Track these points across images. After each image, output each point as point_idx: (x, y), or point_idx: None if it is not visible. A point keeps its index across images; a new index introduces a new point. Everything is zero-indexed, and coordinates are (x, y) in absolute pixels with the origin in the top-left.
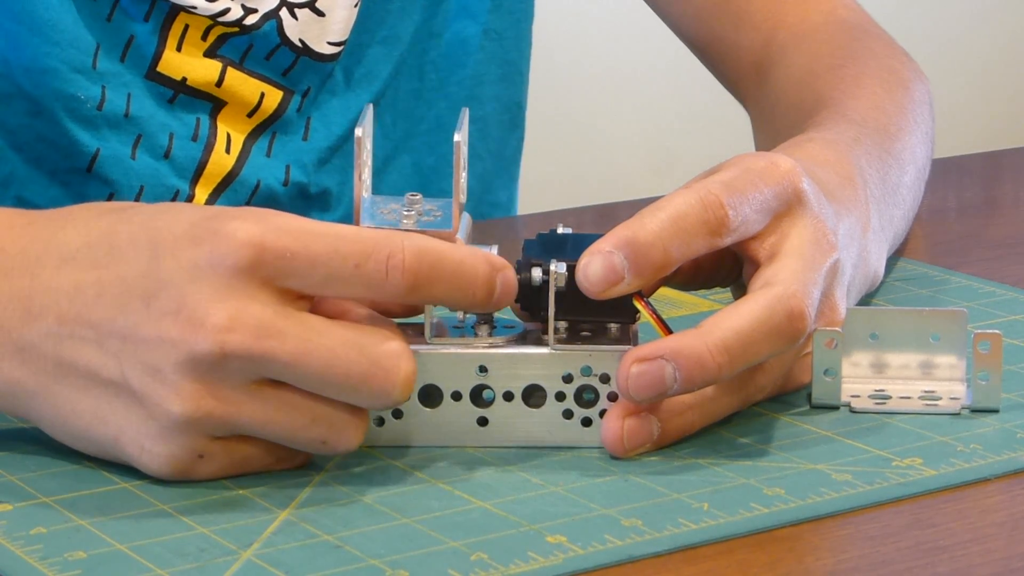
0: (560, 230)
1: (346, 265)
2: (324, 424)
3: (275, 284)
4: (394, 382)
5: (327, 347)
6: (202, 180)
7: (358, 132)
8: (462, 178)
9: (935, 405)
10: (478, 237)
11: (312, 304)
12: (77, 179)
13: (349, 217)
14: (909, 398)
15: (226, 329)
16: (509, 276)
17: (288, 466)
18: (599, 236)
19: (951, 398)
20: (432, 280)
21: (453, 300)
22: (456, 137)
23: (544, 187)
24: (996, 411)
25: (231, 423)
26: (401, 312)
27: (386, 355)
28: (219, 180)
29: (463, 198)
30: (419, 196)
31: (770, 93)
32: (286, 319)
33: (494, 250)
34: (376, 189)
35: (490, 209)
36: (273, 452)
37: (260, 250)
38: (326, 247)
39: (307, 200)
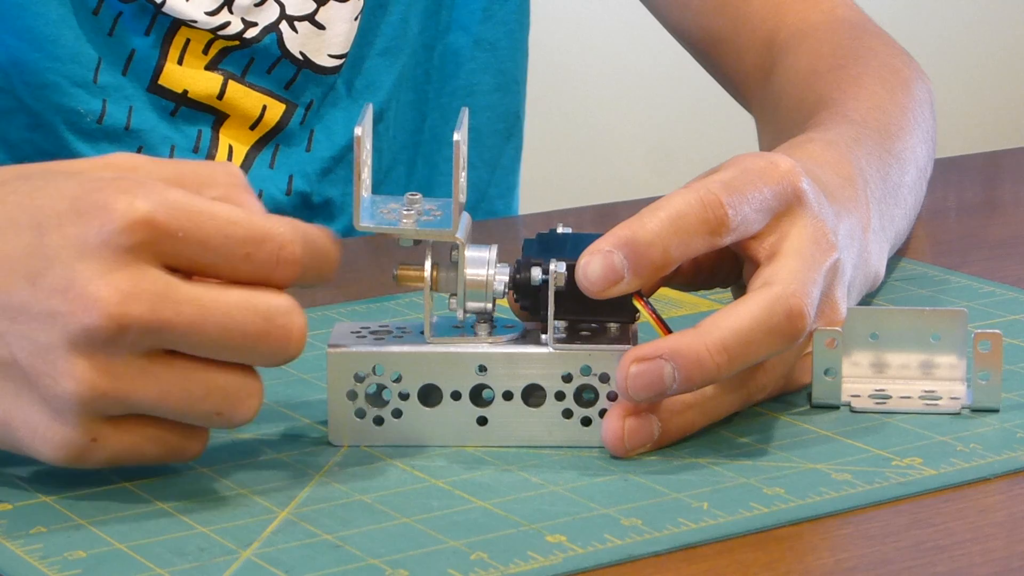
0: (560, 230)
1: (236, 252)
2: (218, 395)
3: (164, 260)
4: (289, 337)
5: (222, 311)
6: None
7: (357, 131)
8: (462, 177)
9: (935, 405)
10: (478, 237)
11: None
12: None
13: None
14: (909, 398)
15: (120, 303)
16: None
17: (181, 457)
18: (599, 236)
19: (951, 398)
20: (311, 269)
21: (312, 283)
22: (455, 136)
23: (544, 187)
24: (996, 411)
25: (126, 400)
26: None
27: (280, 312)
28: None
29: (463, 197)
30: (419, 196)
31: (772, 94)
32: (179, 288)
33: (494, 250)
34: None
35: (486, 219)
36: (166, 439)
37: (150, 228)
38: (216, 230)
39: (311, 209)
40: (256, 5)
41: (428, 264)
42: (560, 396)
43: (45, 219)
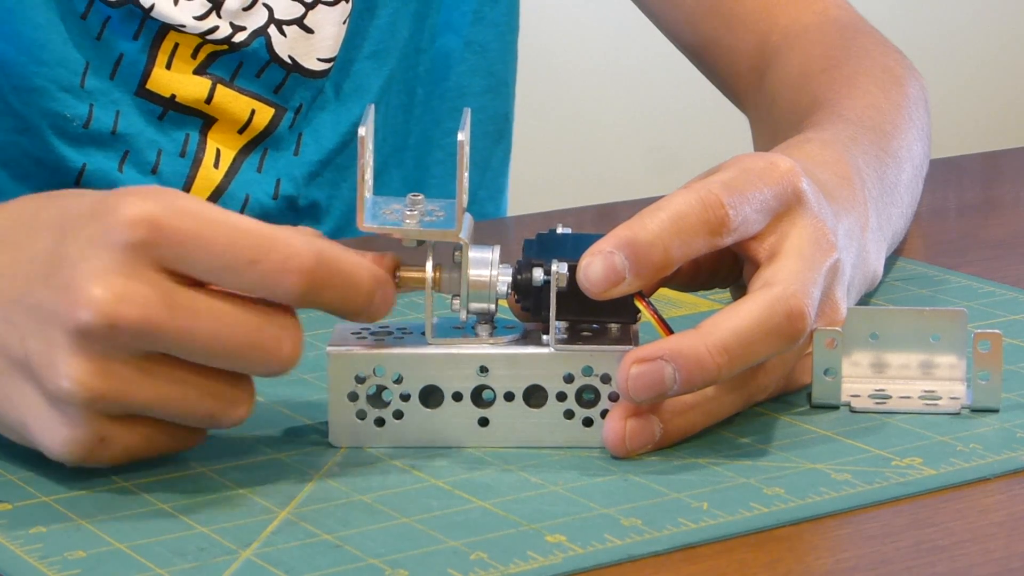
0: (560, 230)
1: (241, 259)
2: (212, 398)
3: (166, 266)
4: (280, 348)
5: (215, 317)
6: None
7: (361, 132)
8: (464, 178)
9: (935, 405)
10: (478, 237)
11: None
12: None
13: (340, 229)
14: (909, 398)
15: (113, 302)
16: (388, 293)
17: (184, 447)
18: (599, 236)
19: (951, 398)
20: (324, 287)
21: (337, 307)
22: (460, 136)
23: (543, 187)
24: (996, 411)
25: (124, 402)
26: None
27: (272, 323)
28: (208, 195)
29: (466, 198)
30: (421, 196)
31: (766, 95)
32: (174, 293)
33: (496, 251)
34: None
35: (479, 221)
36: (171, 434)
37: (154, 229)
38: (224, 238)
39: (296, 213)
40: (244, 9)
41: (430, 265)
42: (561, 397)
43: (67, 222)
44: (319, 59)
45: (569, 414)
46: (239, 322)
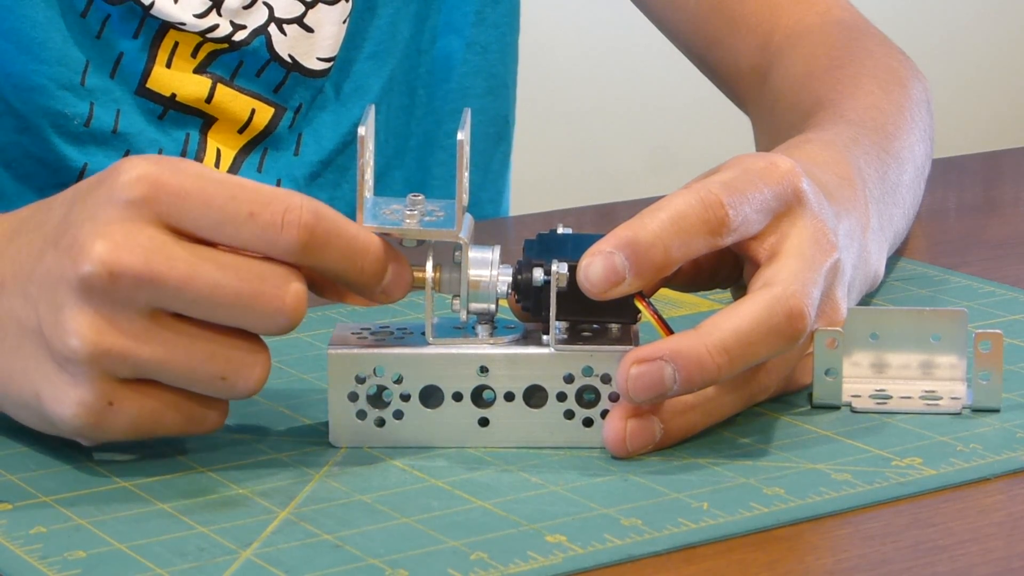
0: (560, 230)
1: (241, 212)
2: (222, 359)
3: (168, 222)
4: (283, 300)
5: (215, 268)
6: None
7: (361, 131)
8: (465, 177)
9: (936, 405)
10: (478, 237)
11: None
12: None
13: None
14: (910, 398)
15: (112, 251)
16: (403, 272)
17: (200, 427)
18: (599, 236)
19: (952, 398)
20: (325, 244)
21: (342, 270)
22: (460, 135)
23: (543, 187)
24: (997, 411)
25: (131, 359)
26: None
27: (274, 274)
28: None
29: (466, 198)
30: (421, 197)
31: (768, 95)
32: (174, 245)
33: (496, 251)
34: None
35: (479, 220)
36: (183, 406)
37: (154, 186)
38: (223, 193)
39: None
40: (245, 8)
41: (430, 265)
42: (562, 397)
43: (77, 193)
44: (319, 58)
45: (569, 414)
46: (240, 273)
